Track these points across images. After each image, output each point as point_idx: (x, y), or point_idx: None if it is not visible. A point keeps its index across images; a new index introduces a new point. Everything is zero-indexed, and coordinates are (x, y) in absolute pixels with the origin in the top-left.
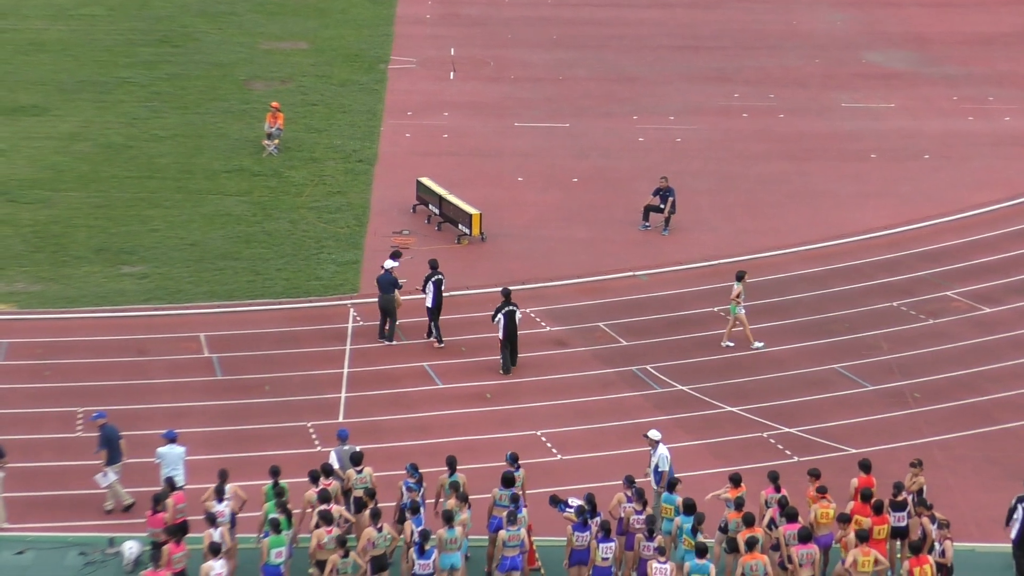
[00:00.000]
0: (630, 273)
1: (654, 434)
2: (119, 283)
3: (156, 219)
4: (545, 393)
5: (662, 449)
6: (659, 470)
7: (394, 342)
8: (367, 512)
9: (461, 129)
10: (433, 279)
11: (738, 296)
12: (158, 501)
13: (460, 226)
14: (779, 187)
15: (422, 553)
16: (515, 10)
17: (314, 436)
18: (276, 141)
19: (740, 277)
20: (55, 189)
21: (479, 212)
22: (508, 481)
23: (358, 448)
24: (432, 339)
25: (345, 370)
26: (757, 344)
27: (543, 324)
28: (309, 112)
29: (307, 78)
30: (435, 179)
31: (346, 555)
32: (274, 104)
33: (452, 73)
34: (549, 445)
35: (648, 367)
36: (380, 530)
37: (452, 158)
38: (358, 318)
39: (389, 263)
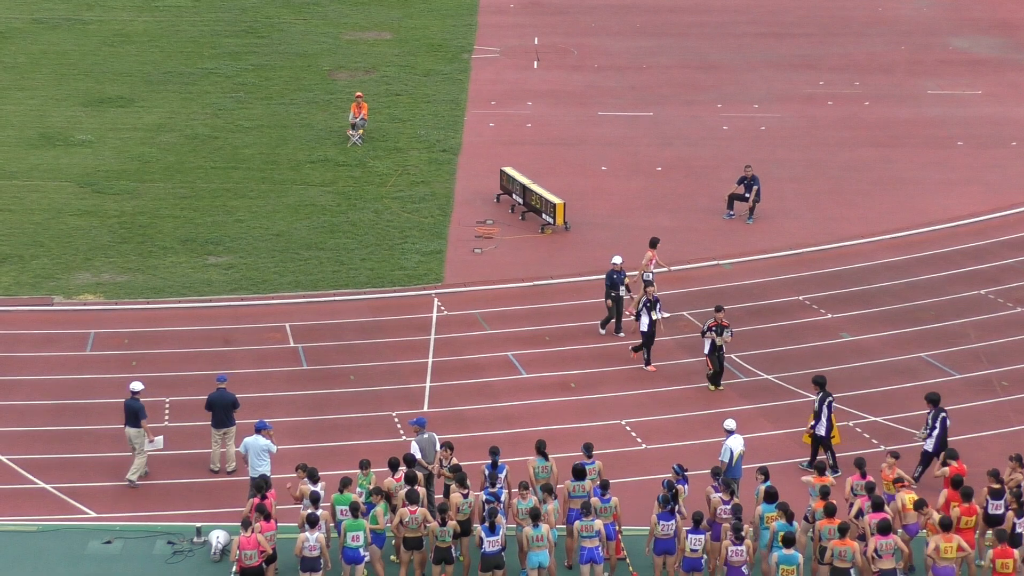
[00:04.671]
0: (714, 262)
1: (729, 424)
2: (205, 273)
3: (241, 210)
4: (629, 382)
5: (729, 440)
6: (720, 460)
7: (620, 333)
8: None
9: (544, 118)
10: (645, 303)
11: None
12: (259, 489)
13: (544, 215)
14: (864, 175)
15: (492, 531)
16: None
17: (399, 425)
18: (360, 131)
19: None
20: (141, 180)
21: (563, 201)
22: (579, 473)
23: (438, 439)
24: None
25: (430, 360)
26: None
27: (627, 312)
28: (393, 102)
29: (391, 68)
30: (519, 168)
31: (444, 523)
32: (358, 94)
33: (536, 62)
34: (634, 434)
35: (733, 356)
36: (466, 496)
37: (535, 147)
38: (442, 308)
39: (616, 259)
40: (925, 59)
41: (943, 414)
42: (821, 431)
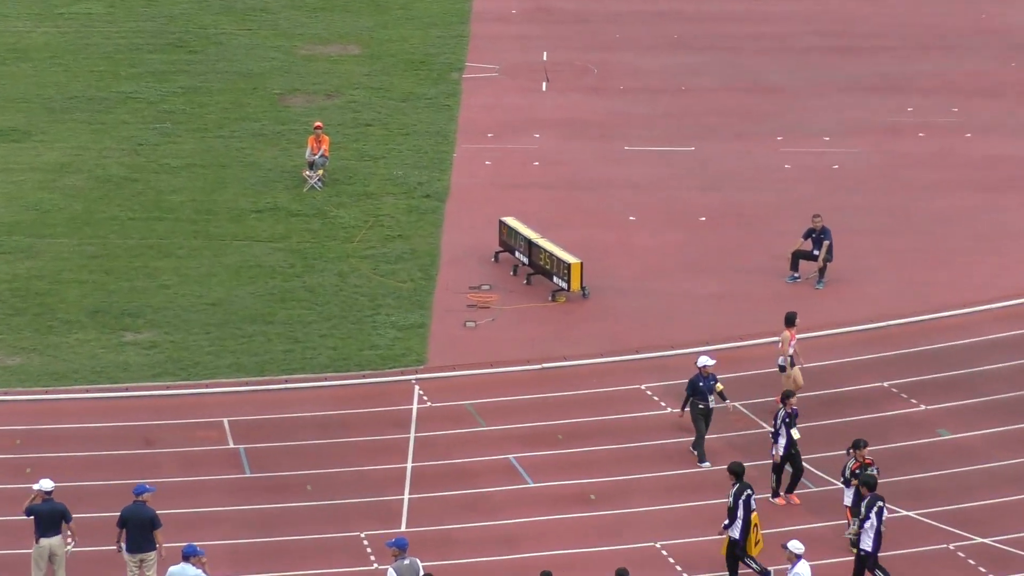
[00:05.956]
0: (775, 338)
1: (795, 546)
2: (120, 354)
3: (167, 272)
4: (664, 493)
5: (801, 567)
6: None
7: (705, 463)
8: None
9: (556, 155)
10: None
11: None
12: None
13: (555, 279)
14: (965, 227)
15: None
16: (624, 3)
17: (369, 549)
18: (320, 172)
19: None
20: (39, 235)
21: (579, 261)
22: None
23: (421, 567)
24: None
25: (408, 465)
26: None
27: (662, 404)
28: (362, 135)
29: (359, 91)
30: (523, 219)
31: None
32: (317, 125)
33: (544, 83)
34: (671, 560)
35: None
36: None
37: (544, 192)
38: (425, 398)
39: (703, 360)
40: None
41: (880, 503)
42: (735, 533)
